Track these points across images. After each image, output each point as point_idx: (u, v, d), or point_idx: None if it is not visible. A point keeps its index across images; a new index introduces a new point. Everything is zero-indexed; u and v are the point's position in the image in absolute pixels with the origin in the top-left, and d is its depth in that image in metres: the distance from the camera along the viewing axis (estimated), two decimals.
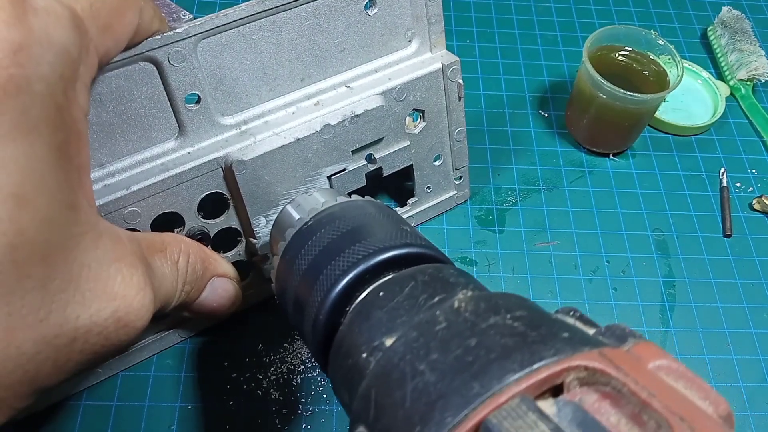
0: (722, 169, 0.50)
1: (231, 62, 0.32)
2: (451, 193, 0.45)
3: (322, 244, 0.27)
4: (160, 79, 0.30)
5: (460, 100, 0.39)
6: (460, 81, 0.39)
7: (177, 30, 0.29)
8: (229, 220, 0.35)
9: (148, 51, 0.29)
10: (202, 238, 0.35)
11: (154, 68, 0.30)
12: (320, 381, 0.38)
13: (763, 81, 0.55)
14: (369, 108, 0.35)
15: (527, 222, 0.46)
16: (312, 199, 0.34)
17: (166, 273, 0.27)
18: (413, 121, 0.39)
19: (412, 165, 0.41)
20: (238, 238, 0.37)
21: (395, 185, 0.46)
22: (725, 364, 0.41)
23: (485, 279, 0.43)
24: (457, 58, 0.38)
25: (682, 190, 0.49)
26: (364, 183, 0.38)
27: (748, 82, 0.55)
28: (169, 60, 0.30)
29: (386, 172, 0.39)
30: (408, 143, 0.39)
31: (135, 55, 0.29)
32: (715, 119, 0.52)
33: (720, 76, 0.57)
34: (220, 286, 0.33)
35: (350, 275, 0.24)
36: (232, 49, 0.31)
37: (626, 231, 0.46)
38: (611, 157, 0.50)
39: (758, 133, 0.53)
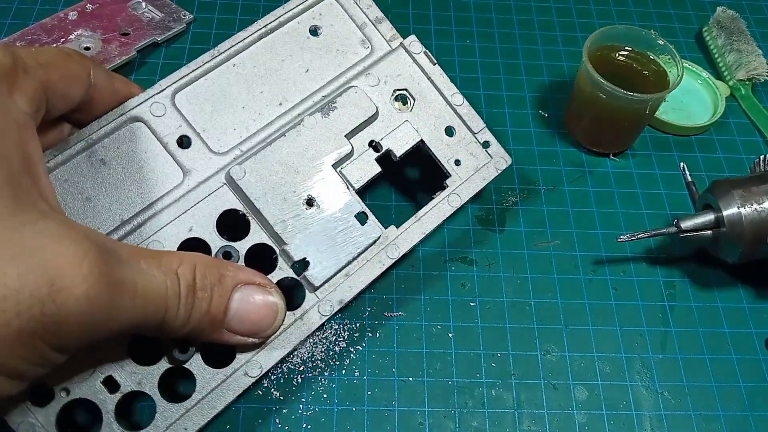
0: (682, 164, 0.49)
1: (209, 105, 0.36)
2: (486, 161, 0.41)
3: None
4: (151, 134, 0.35)
5: (435, 65, 0.41)
6: (425, 49, 0.41)
7: (151, 88, 0.35)
8: (255, 236, 0.35)
9: (130, 110, 0.34)
10: (223, 256, 0.34)
11: (143, 125, 0.35)
12: (320, 381, 0.38)
13: (762, 81, 0.55)
14: (344, 93, 0.38)
15: (527, 222, 0.46)
16: None
17: (153, 274, 0.27)
18: (404, 104, 0.40)
19: (423, 142, 0.40)
20: (273, 256, 0.36)
21: (427, 175, 0.46)
22: (725, 364, 0.41)
23: (485, 279, 0.43)
24: (413, 36, 0.41)
25: (682, 190, 0.49)
26: (379, 169, 0.38)
27: (748, 82, 0.55)
28: (151, 113, 0.35)
29: (399, 153, 0.39)
30: (405, 120, 0.40)
31: (120, 116, 0.34)
32: (715, 119, 0.52)
33: (719, 76, 0.57)
34: (251, 294, 0.31)
35: None
36: (207, 94, 0.36)
37: (626, 231, 0.46)
38: (611, 157, 0.50)
39: (759, 132, 0.53)
